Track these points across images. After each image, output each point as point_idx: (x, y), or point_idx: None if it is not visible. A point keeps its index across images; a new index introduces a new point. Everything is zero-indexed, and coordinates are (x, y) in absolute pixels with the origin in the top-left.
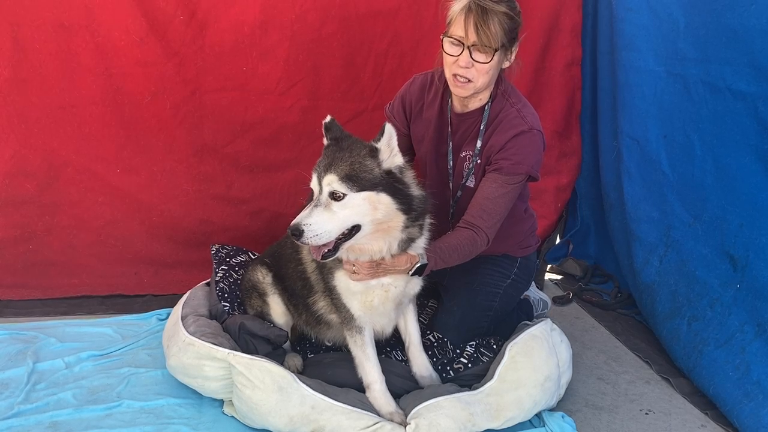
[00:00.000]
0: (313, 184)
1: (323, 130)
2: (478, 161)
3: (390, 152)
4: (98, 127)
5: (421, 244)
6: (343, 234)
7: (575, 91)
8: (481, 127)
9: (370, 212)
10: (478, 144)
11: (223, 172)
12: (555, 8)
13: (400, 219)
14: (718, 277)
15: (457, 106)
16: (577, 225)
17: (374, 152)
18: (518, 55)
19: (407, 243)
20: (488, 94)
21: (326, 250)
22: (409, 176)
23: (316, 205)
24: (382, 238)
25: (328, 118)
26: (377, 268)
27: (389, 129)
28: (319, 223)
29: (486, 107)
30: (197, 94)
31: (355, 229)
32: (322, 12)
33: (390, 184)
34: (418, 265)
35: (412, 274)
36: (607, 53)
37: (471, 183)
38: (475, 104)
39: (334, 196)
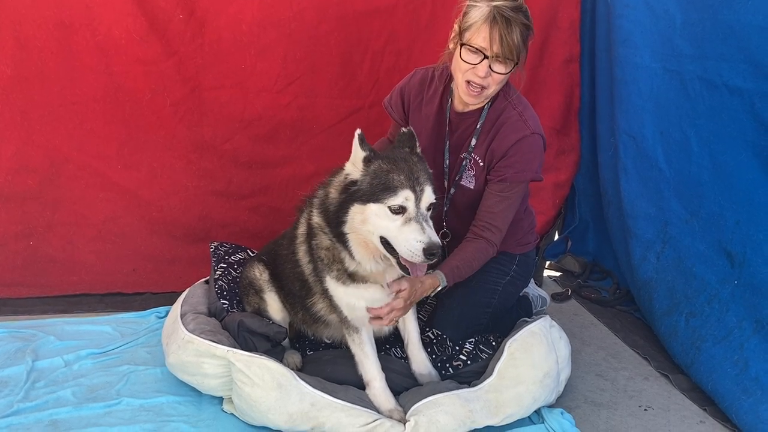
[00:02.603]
0: (407, 200)
1: (359, 142)
2: (475, 158)
3: None
4: (99, 124)
5: None
6: None
7: (573, 88)
8: (478, 126)
9: None
10: (473, 142)
11: (222, 168)
12: (552, 5)
13: None
14: (715, 274)
15: (458, 105)
16: (576, 221)
17: (423, 159)
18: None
19: None
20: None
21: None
22: None
23: (425, 220)
24: None
25: (359, 131)
26: (411, 304)
27: (414, 133)
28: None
29: (485, 107)
30: (197, 91)
31: None
32: (320, 10)
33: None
34: (439, 288)
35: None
36: (605, 50)
37: (466, 182)
38: (477, 104)
39: (430, 207)
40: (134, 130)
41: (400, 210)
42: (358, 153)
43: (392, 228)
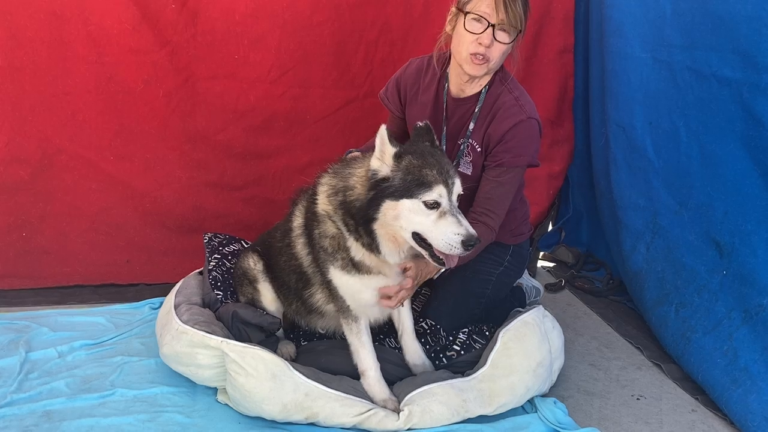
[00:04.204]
0: (441, 195)
1: (387, 138)
2: (472, 143)
3: None
4: (92, 115)
5: None
6: None
7: (567, 79)
8: (476, 110)
9: None
10: (471, 126)
11: (216, 159)
12: None
13: None
14: (704, 264)
15: (454, 91)
16: (570, 212)
17: (443, 151)
18: (516, 47)
19: None
20: (487, 79)
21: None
22: None
23: (458, 212)
24: None
25: (385, 127)
26: (416, 285)
27: (431, 126)
28: None
29: (482, 91)
30: (190, 81)
31: None
32: (313, 0)
33: None
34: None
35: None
36: (598, 40)
37: (463, 168)
38: (473, 89)
39: (458, 198)
40: (127, 120)
41: (434, 205)
42: (387, 149)
43: (427, 223)
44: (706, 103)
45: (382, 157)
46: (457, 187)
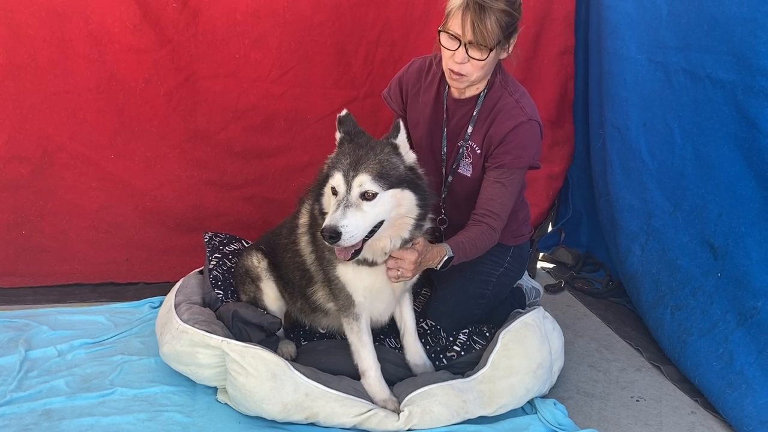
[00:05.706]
0: (338, 183)
1: (337, 123)
2: (472, 145)
3: (405, 148)
4: (92, 113)
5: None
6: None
7: (568, 80)
8: (474, 113)
9: (395, 209)
10: (469, 129)
11: (216, 158)
12: None
13: (414, 214)
14: (699, 266)
15: (455, 92)
16: (569, 213)
17: (396, 149)
18: (516, 45)
19: (407, 241)
20: (485, 83)
21: (354, 251)
22: (422, 171)
23: (346, 206)
24: (390, 235)
25: (343, 112)
26: (419, 266)
27: (402, 125)
28: (354, 224)
29: (481, 94)
30: (190, 80)
31: (377, 226)
32: (314, 0)
33: (412, 180)
34: (446, 258)
35: (440, 268)
36: (596, 42)
37: (463, 170)
38: (472, 91)
39: (366, 196)
40: (127, 119)
41: (335, 192)
42: (336, 133)
43: (331, 207)
44: (700, 105)
45: None
46: (359, 183)
